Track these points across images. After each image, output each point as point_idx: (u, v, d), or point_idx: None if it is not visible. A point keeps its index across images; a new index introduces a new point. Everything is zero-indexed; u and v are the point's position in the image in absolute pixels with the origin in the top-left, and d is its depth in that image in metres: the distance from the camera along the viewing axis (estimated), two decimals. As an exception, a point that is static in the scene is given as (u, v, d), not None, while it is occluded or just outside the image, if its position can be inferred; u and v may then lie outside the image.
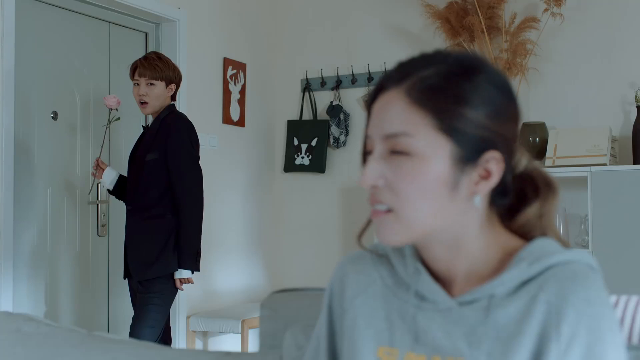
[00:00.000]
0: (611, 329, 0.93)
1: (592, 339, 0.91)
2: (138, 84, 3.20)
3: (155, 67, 3.19)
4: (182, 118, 3.24)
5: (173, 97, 3.28)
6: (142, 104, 3.20)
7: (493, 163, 0.98)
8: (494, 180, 0.98)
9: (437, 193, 0.96)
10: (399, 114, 0.96)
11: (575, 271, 0.96)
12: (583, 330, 0.92)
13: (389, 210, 0.97)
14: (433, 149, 0.95)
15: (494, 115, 0.97)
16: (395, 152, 0.96)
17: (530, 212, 1.04)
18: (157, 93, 3.19)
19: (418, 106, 0.95)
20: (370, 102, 1.01)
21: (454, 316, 0.99)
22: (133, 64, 3.24)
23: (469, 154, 0.96)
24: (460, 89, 0.95)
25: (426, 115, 0.95)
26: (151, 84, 3.18)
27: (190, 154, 3.20)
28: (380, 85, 1.00)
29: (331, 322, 1.13)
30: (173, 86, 3.25)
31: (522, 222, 1.05)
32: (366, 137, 1.01)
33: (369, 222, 1.04)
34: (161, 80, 3.19)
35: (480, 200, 0.99)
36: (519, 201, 1.04)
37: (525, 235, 1.05)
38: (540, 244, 1.01)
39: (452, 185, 0.96)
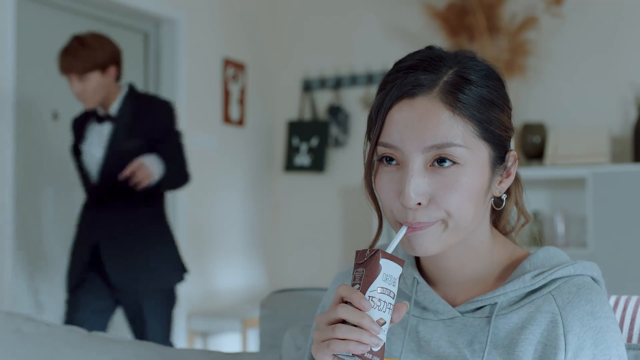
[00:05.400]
0: (615, 340, 0.95)
1: (597, 351, 0.93)
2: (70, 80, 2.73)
3: (80, 57, 2.68)
4: (158, 97, 2.91)
5: (118, 77, 2.83)
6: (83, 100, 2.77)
7: (511, 161, 1.00)
8: (512, 178, 1.00)
9: (480, 198, 0.96)
10: (444, 123, 0.92)
11: (579, 284, 0.97)
12: (589, 342, 0.93)
13: (433, 222, 0.94)
14: (477, 156, 0.94)
15: (510, 115, 1.00)
16: (439, 163, 0.93)
17: (510, 206, 1.07)
18: (94, 86, 2.72)
19: (460, 115, 0.93)
20: (386, 110, 0.95)
21: (457, 325, 1.00)
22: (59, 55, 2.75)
23: (499, 156, 0.98)
24: (497, 95, 0.97)
25: (468, 123, 0.93)
26: (84, 77, 2.70)
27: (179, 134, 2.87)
28: (401, 92, 0.94)
29: None
30: (113, 69, 2.75)
31: (506, 219, 1.08)
32: (377, 144, 0.96)
33: (378, 235, 1.03)
34: (93, 70, 2.70)
35: (492, 200, 1.01)
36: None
37: (506, 226, 1.08)
38: (544, 256, 1.01)
39: (487, 189, 0.97)
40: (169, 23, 4.14)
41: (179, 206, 4.08)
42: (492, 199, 1.00)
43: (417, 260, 1.07)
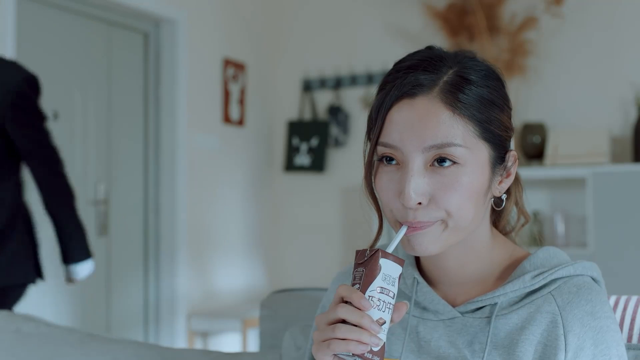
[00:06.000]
0: (615, 340, 0.95)
1: (597, 351, 0.93)
2: None
3: None
4: (13, 66, 2.28)
5: None
6: None
7: (511, 161, 1.00)
8: (512, 178, 1.00)
9: (480, 198, 0.96)
10: (444, 123, 0.92)
11: (579, 284, 0.97)
12: (589, 342, 0.93)
13: (433, 222, 0.94)
14: (477, 156, 0.94)
15: (510, 115, 1.00)
16: (439, 163, 0.93)
17: (510, 206, 1.07)
18: None
19: (460, 115, 0.93)
20: (386, 110, 0.95)
21: (457, 325, 1.00)
22: None
23: (499, 156, 0.98)
24: (497, 95, 0.97)
25: (468, 123, 0.93)
26: None
27: (40, 117, 2.25)
28: (401, 92, 0.94)
29: None
30: None
31: (506, 219, 1.08)
32: (377, 144, 0.96)
33: (378, 235, 1.03)
34: None
35: (492, 200, 1.01)
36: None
37: (506, 226, 1.08)
38: (544, 256, 1.01)
39: (487, 189, 0.97)
40: (169, 23, 4.14)
41: (179, 206, 4.08)
42: (492, 199, 1.00)
43: (417, 260, 1.07)
